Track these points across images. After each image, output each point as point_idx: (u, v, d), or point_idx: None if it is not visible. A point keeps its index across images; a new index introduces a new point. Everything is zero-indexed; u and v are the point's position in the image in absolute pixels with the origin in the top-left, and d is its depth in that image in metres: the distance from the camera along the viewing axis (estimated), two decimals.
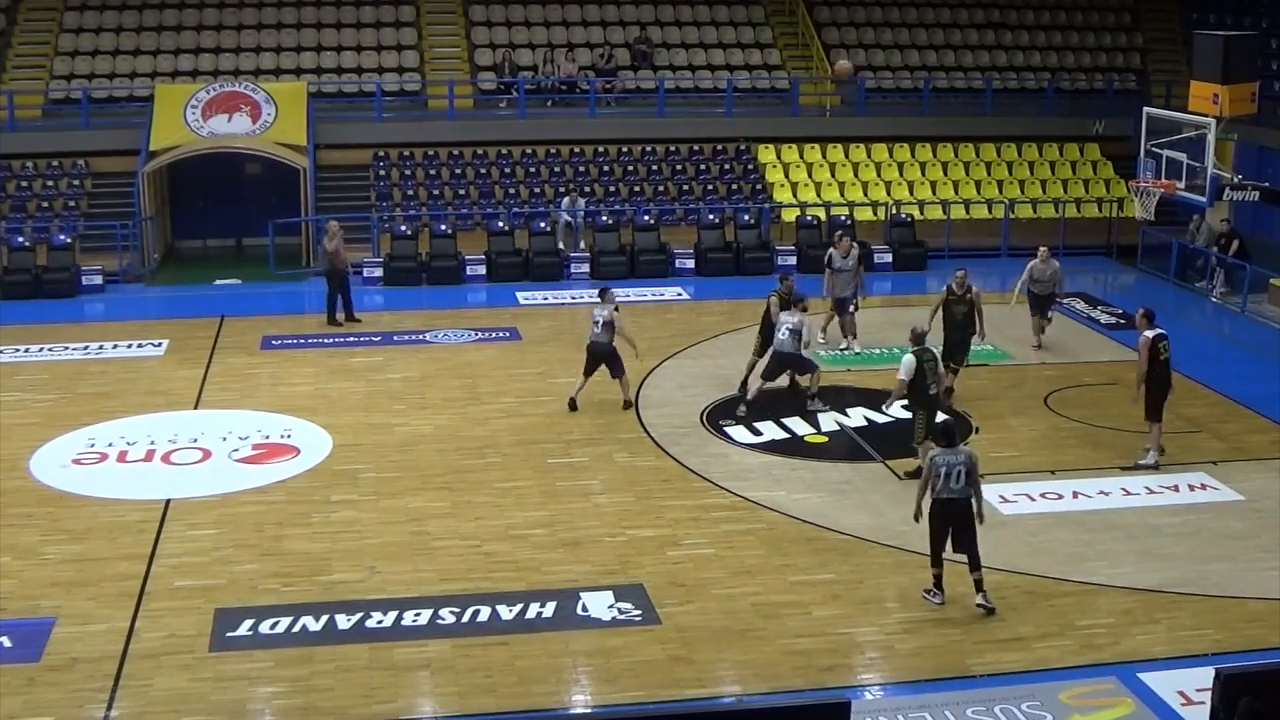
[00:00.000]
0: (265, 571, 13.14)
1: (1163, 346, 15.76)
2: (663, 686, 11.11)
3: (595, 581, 12.92)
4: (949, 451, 12.35)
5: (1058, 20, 34.01)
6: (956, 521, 12.31)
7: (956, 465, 12.23)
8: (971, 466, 12.29)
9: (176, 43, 30.34)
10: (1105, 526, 14.34)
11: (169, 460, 16.18)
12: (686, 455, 16.29)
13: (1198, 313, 24.14)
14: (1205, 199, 22.49)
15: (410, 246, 25.78)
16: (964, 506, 12.29)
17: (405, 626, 12.05)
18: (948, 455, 12.30)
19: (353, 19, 31.47)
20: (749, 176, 29.39)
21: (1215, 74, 22.26)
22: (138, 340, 21.21)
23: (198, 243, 29.10)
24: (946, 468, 12.22)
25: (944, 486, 12.23)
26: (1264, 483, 15.58)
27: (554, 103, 30.43)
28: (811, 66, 31.54)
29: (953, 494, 12.23)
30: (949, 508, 12.29)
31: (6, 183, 27.39)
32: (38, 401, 18.31)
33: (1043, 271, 20.26)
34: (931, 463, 12.36)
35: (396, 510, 14.65)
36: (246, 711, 10.90)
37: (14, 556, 13.44)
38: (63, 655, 11.53)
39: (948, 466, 12.22)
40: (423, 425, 17.36)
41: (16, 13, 30.55)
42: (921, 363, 15.09)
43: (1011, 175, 30.16)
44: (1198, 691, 10.58)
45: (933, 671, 11.42)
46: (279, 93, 27.73)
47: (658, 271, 25.93)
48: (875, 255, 26.50)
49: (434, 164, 28.87)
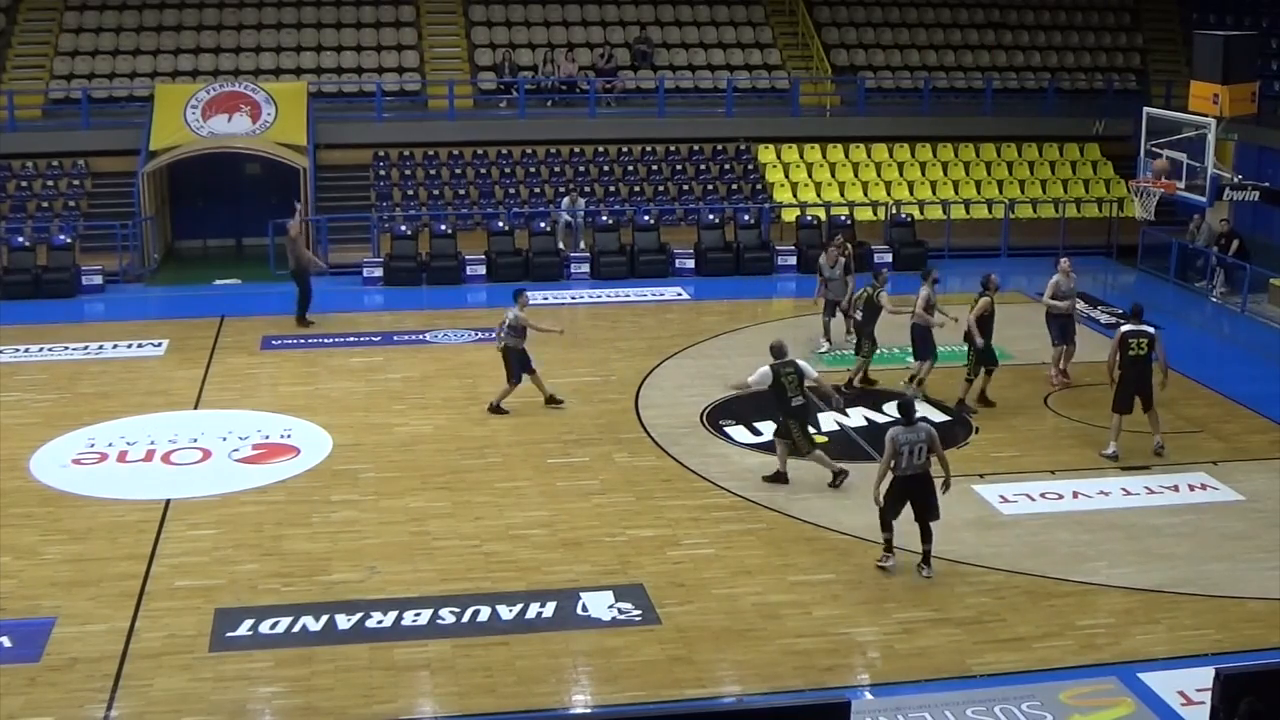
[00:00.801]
0: (265, 571, 13.14)
1: (1134, 343, 15.88)
2: (663, 686, 11.10)
3: (595, 581, 12.92)
4: (909, 430, 12.76)
5: (1058, 20, 34.02)
6: (916, 495, 12.80)
7: (917, 443, 12.68)
8: (932, 442, 12.76)
9: (176, 43, 30.35)
10: (1105, 526, 14.34)
11: (169, 460, 16.18)
12: (686, 455, 16.29)
13: (1198, 313, 24.14)
14: (1205, 199, 22.50)
15: (410, 246, 25.78)
16: (924, 481, 12.78)
17: (405, 626, 12.05)
18: (907, 433, 12.72)
19: (353, 19, 31.49)
20: (749, 176, 29.40)
21: (1215, 74, 22.27)
22: (138, 340, 21.22)
23: (198, 243, 29.10)
24: (908, 446, 12.66)
25: (907, 464, 12.69)
26: (1264, 483, 15.58)
27: (554, 103, 30.44)
28: (811, 66, 31.55)
29: (915, 470, 12.72)
30: (910, 484, 12.78)
31: (6, 183, 27.40)
32: (38, 401, 18.31)
33: (1068, 288, 18.74)
34: (893, 441, 12.69)
35: (396, 510, 14.65)
36: (246, 711, 10.89)
37: (14, 556, 13.43)
38: (63, 655, 11.52)
39: (909, 445, 12.66)
40: (423, 425, 17.36)
41: (16, 13, 30.56)
42: (780, 376, 14.98)
43: (1011, 175, 30.17)
44: (1198, 691, 10.58)
45: (933, 671, 11.42)
46: (279, 93, 27.74)
47: (658, 271, 25.94)
48: (875, 255, 26.53)
49: (434, 164, 28.88)
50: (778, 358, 15.18)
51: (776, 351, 15.27)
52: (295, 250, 22.02)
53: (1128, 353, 15.93)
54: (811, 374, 15.35)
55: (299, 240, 22.14)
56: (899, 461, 12.69)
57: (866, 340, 18.72)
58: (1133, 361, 15.95)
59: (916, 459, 12.69)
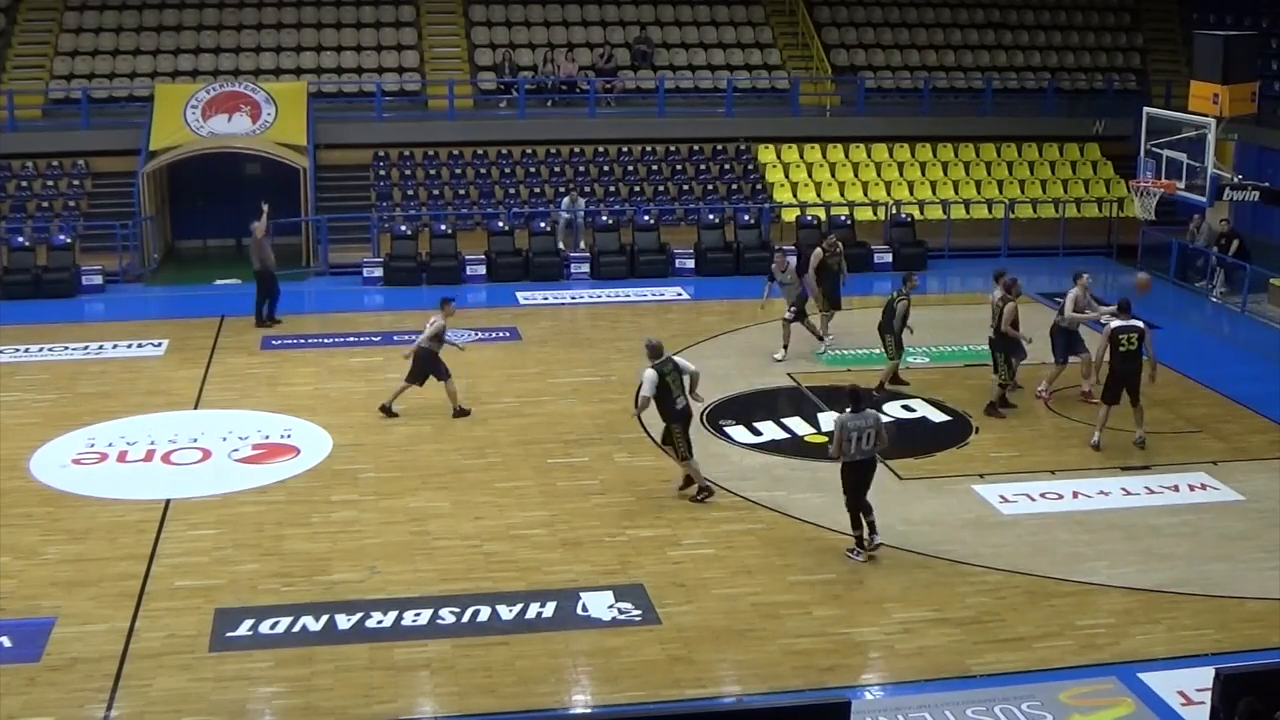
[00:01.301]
0: (265, 571, 13.14)
1: (1124, 338, 16.08)
2: (663, 686, 11.10)
3: (595, 581, 12.92)
4: (857, 416, 13.04)
5: (1058, 20, 34.01)
6: (867, 479, 13.25)
7: (866, 429, 13.04)
8: (879, 428, 13.16)
9: (176, 43, 30.34)
10: (1105, 526, 14.34)
11: (169, 460, 16.18)
12: None
13: (1198, 313, 24.13)
14: (1205, 199, 22.49)
15: (410, 246, 25.78)
16: (872, 465, 13.29)
17: (405, 626, 12.05)
18: (856, 420, 13.02)
19: (353, 19, 31.48)
20: (749, 176, 29.39)
21: (1215, 74, 22.26)
22: (138, 340, 21.22)
23: (198, 243, 29.11)
24: (857, 432, 13.00)
25: (857, 449, 13.05)
26: (1264, 483, 15.58)
27: (554, 103, 30.43)
28: (812, 66, 31.55)
29: (864, 456, 13.12)
30: (860, 469, 13.18)
31: (6, 183, 27.40)
32: (37, 401, 18.31)
33: (1086, 304, 17.98)
34: (843, 428, 12.98)
35: (396, 510, 14.65)
36: (246, 711, 10.89)
37: (14, 556, 13.43)
38: (63, 655, 11.52)
39: (858, 431, 13.00)
40: (423, 425, 17.36)
41: (16, 13, 30.55)
42: (664, 376, 14.49)
43: (1011, 175, 30.16)
44: (1198, 691, 10.57)
45: (933, 671, 11.42)
46: (279, 93, 27.74)
47: (658, 271, 25.94)
48: (875, 255, 26.56)
49: (434, 164, 28.88)
50: (656, 358, 14.52)
51: (655, 351, 14.58)
52: (261, 251, 22.06)
53: (1118, 349, 16.18)
54: (690, 368, 14.78)
55: (264, 241, 22.15)
56: (849, 448, 13.01)
57: (892, 343, 18.44)
58: (1123, 357, 16.19)
59: (865, 444, 13.06)
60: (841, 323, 20.90)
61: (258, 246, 22.12)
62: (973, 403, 18.01)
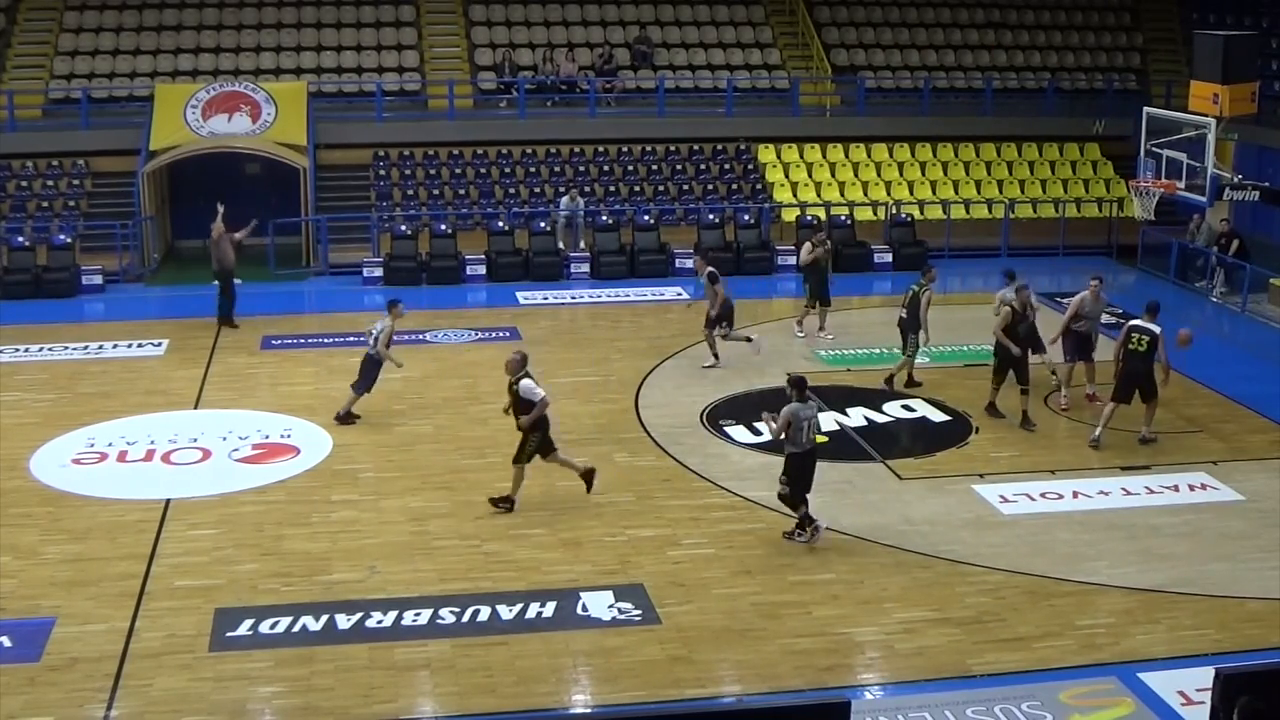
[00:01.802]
0: (265, 571, 13.14)
1: (1135, 338, 16.29)
2: (663, 686, 11.10)
3: (595, 581, 12.91)
4: (805, 405, 13.30)
5: (1058, 20, 34.00)
6: (811, 468, 13.57)
7: (813, 418, 13.46)
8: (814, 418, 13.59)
9: (176, 43, 30.33)
10: (1105, 526, 14.34)
11: (169, 460, 16.18)
12: (686, 455, 16.29)
13: (1198, 313, 24.11)
14: (1205, 199, 22.49)
15: (410, 246, 25.78)
16: (815, 455, 13.63)
17: (405, 626, 12.04)
18: (804, 409, 13.29)
19: (353, 19, 31.47)
20: (749, 176, 29.39)
21: (1215, 74, 22.24)
22: (138, 340, 21.22)
23: (198, 243, 29.02)
24: (806, 421, 13.25)
25: (806, 439, 13.34)
26: (1264, 483, 15.58)
27: (554, 103, 30.42)
28: (811, 66, 31.55)
29: (813, 444, 13.50)
30: (809, 458, 13.52)
31: (6, 183, 27.39)
32: (37, 401, 18.30)
33: (1094, 308, 18.07)
34: (795, 416, 13.17)
35: (396, 510, 14.65)
36: (246, 711, 10.89)
37: (14, 556, 13.43)
38: (63, 655, 11.52)
39: (807, 420, 13.26)
40: (423, 425, 17.36)
41: (16, 13, 30.54)
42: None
43: (1011, 175, 30.16)
44: (1198, 691, 10.58)
45: (933, 671, 11.42)
46: (279, 93, 27.73)
47: (658, 271, 25.93)
48: (875, 255, 26.56)
49: (434, 164, 28.87)
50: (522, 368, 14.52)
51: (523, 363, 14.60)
52: (218, 252, 22.03)
53: (1128, 346, 16.36)
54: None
55: (222, 241, 22.10)
56: (800, 436, 13.23)
57: (911, 340, 18.34)
58: (1131, 355, 16.36)
59: (812, 433, 13.41)
60: (841, 322, 20.91)
61: (215, 246, 22.08)
62: (973, 403, 18.00)
